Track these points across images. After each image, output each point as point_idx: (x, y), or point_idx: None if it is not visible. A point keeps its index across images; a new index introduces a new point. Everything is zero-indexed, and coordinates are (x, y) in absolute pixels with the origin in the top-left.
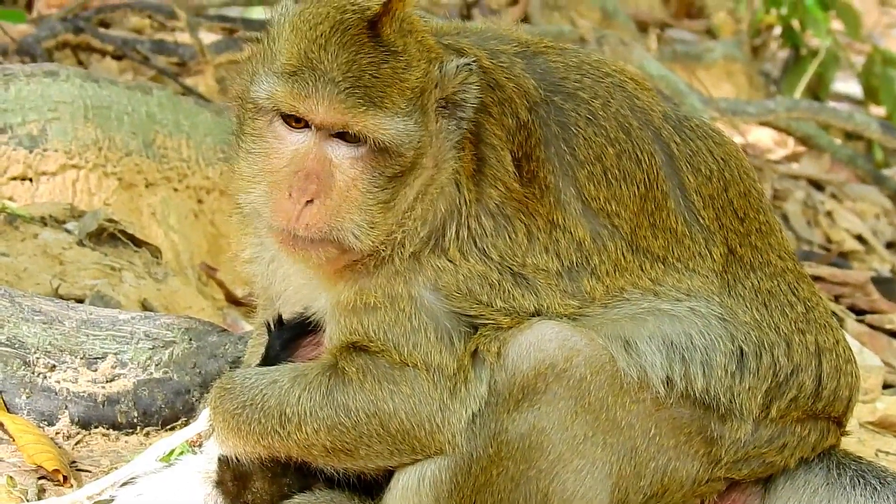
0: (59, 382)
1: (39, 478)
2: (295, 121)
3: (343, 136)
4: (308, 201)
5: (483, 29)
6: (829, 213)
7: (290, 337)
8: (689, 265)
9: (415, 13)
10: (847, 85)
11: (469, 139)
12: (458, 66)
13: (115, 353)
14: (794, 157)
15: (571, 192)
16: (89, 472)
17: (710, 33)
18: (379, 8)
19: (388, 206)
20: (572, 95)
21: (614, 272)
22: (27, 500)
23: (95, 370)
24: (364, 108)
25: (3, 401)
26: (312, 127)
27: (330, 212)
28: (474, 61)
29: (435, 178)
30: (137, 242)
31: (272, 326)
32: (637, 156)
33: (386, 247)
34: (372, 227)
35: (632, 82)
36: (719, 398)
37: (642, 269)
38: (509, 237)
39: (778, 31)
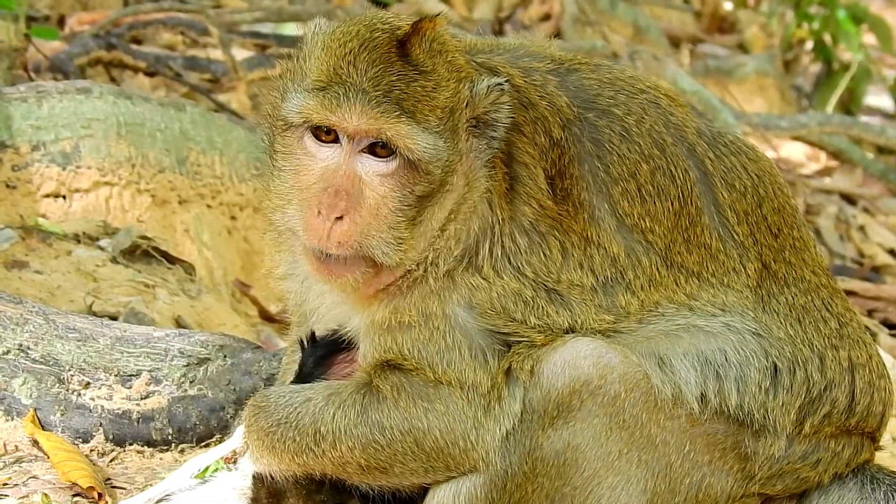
0: (93, 400)
1: (74, 495)
2: (325, 134)
3: (373, 151)
4: (338, 218)
5: (516, 46)
6: (861, 228)
7: (324, 354)
8: (724, 280)
9: (446, 32)
10: (879, 99)
11: (501, 158)
12: (489, 86)
13: (150, 370)
14: (826, 172)
15: (605, 209)
16: (124, 489)
17: (742, 48)
18: (408, 28)
19: (417, 224)
20: (606, 112)
21: (649, 287)
22: None
23: (130, 387)
24: (397, 114)
25: (38, 418)
26: (342, 142)
27: (360, 228)
28: (506, 81)
29: (466, 198)
30: (171, 259)
31: (305, 344)
32: (671, 172)
33: (418, 266)
34: (401, 244)
35: (666, 98)
36: (753, 414)
37: (677, 284)
38: (544, 254)
39: (810, 45)
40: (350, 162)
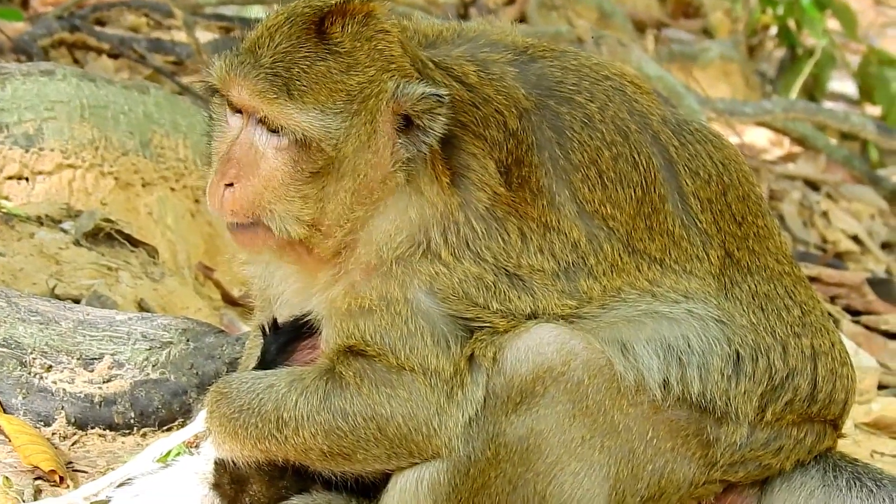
0: (55, 383)
1: (36, 478)
2: (229, 103)
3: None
4: (228, 185)
5: (478, 34)
6: (824, 214)
7: (287, 340)
8: (687, 267)
9: (391, 21)
10: (843, 84)
11: (439, 153)
12: (424, 93)
13: (112, 354)
14: (790, 158)
15: (566, 195)
16: (86, 472)
17: (707, 33)
18: (332, 7)
19: (317, 201)
20: (568, 99)
21: (611, 272)
22: (23, 501)
23: (92, 371)
24: (276, 96)
25: (0, 401)
26: (242, 113)
27: (249, 197)
28: (447, 95)
29: (387, 184)
30: (134, 242)
31: (267, 330)
32: (634, 159)
33: (328, 240)
34: (298, 219)
35: (631, 86)
36: (716, 401)
37: (639, 270)
38: (502, 239)
39: (774, 30)
40: (247, 132)
